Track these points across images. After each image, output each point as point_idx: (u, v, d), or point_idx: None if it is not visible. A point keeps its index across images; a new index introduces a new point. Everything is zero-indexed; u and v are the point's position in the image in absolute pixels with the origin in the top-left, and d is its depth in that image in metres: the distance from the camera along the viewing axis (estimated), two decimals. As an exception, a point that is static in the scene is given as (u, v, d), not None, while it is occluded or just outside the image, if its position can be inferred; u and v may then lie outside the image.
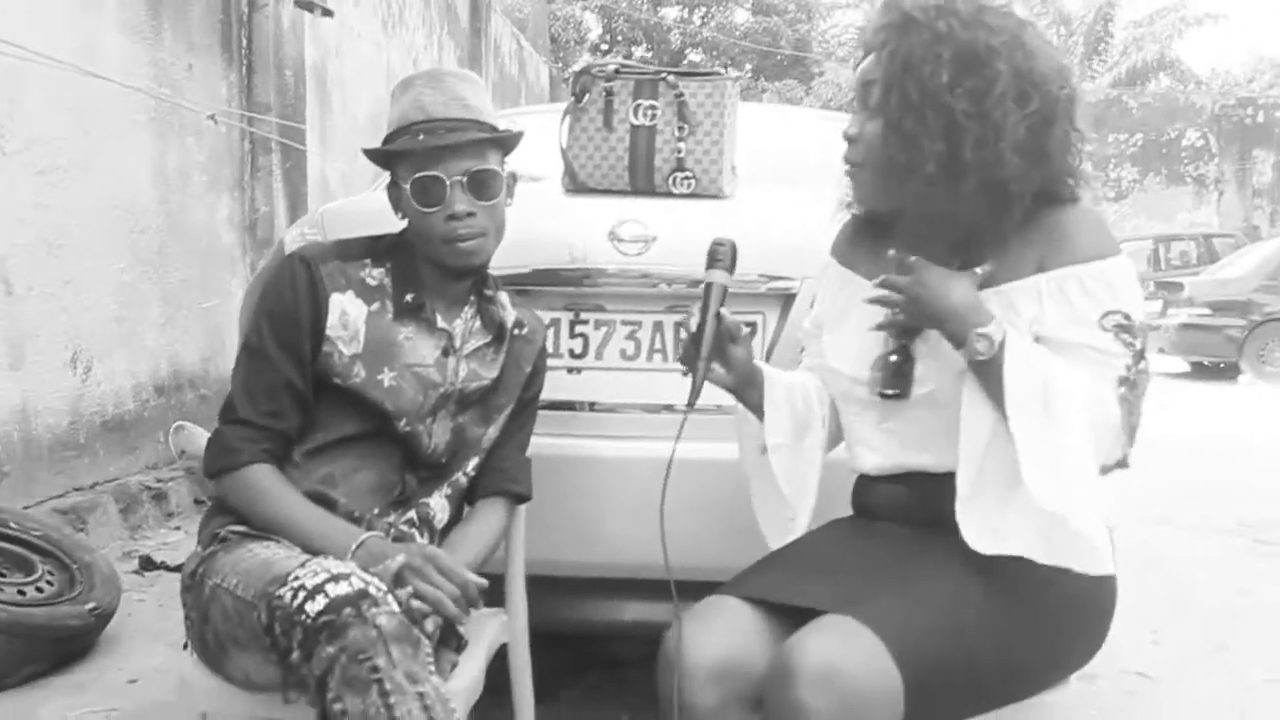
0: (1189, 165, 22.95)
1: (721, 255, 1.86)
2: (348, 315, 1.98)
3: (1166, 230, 20.60)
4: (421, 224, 1.99)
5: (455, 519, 2.13)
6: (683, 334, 1.83)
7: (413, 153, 1.98)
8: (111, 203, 5.11)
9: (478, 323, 2.10)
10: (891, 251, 1.71)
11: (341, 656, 1.57)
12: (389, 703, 1.55)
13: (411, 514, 2.04)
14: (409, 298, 2.02)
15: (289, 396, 1.96)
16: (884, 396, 1.79)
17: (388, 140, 2.03)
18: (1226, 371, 13.04)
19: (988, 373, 1.61)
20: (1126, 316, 1.66)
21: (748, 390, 1.90)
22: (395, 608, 1.64)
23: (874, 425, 1.84)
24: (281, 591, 1.63)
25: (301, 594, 1.61)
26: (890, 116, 1.70)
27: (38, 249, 4.57)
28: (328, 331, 1.97)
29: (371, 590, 1.63)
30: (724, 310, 1.83)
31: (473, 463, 2.12)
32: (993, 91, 1.65)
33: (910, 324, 1.72)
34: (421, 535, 2.03)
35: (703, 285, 1.85)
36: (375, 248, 2.07)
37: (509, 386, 2.14)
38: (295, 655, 1.60)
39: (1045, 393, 1.57)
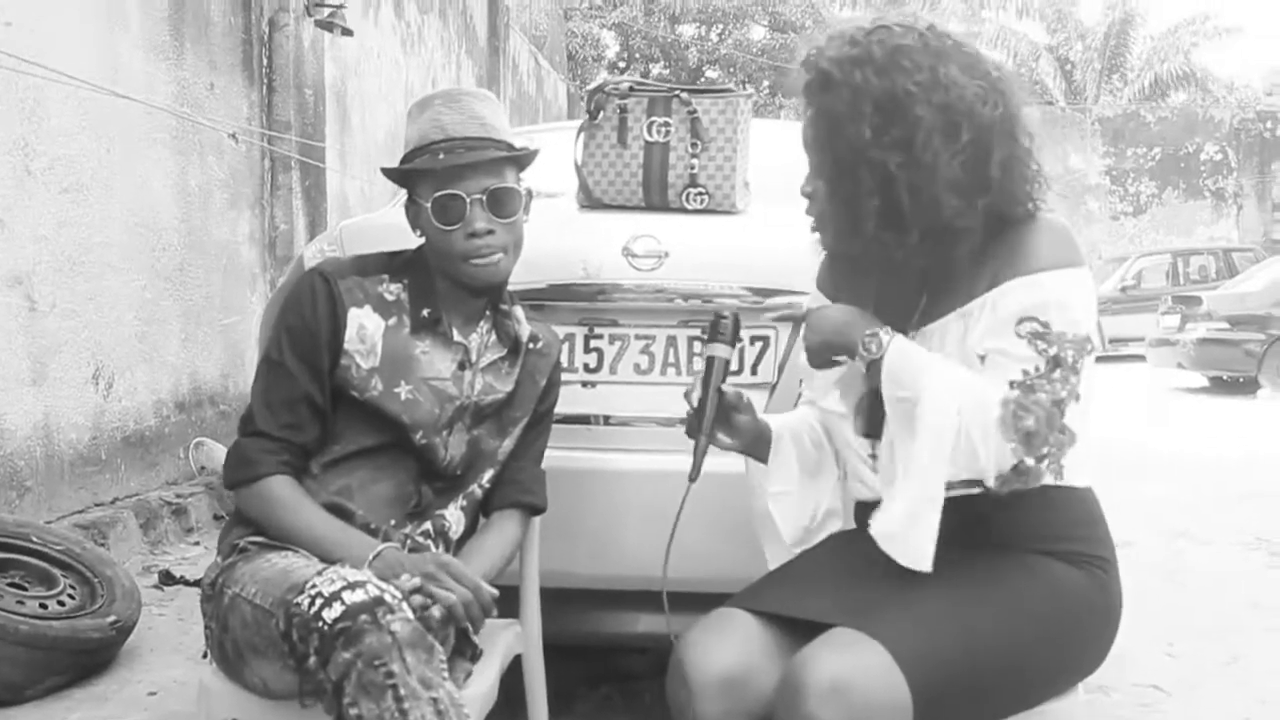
0: (1208, 179, 22.87)
1: (723, 329, 1.86)
2: (365, 329, 2.02)
3: (1185, 244, 20.55)
4: (441, 242, 2.02)
5: (470, 530, 2.15)
6: (687, 405, 1.86)
7: (433, 171, 2.01)
8: (133, 220, 5.17)
9: (493, 337, 2.13)
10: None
11: (357, 662, 1.60)
12: (403, 707, 1.58)
13: (427, 525, 2.06)
14: (425, 312, 2.06)
15: (307, 409, 1.99)
16: (866, 436, 1.82)
17: (407, 159, 2.06)
18: (1245, 386, 12.95)
19: (875, 376, 1.68)
20: (1045, 325, 1.62)
21: (757, 447, 1.92)
22: (410, 615, 1.67)
23: (861, 460, 1.86)
24: (299, 599, 1.66)
25: (319, 601, 1.64)
26: (827, 178, 1.71)
27: (61, 266, 4.63)
28: (346, 345, 2.00)
29: (387, 598, 1.66)
30: (725, 385, 1.85)
31: (488, 475, 2.15)
32: (918, 135, 1.63)
33: (817, 364, 1.80)
34: (437, 546, 2.06)
35: (704, 359, 1.86)
36: (392, 263, 2.10)
37: (524, 400, 2.17)
38: (312, 661, 1.63)
39: (915, 394, 1.61)
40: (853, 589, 1.70)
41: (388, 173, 2.11)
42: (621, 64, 30.38)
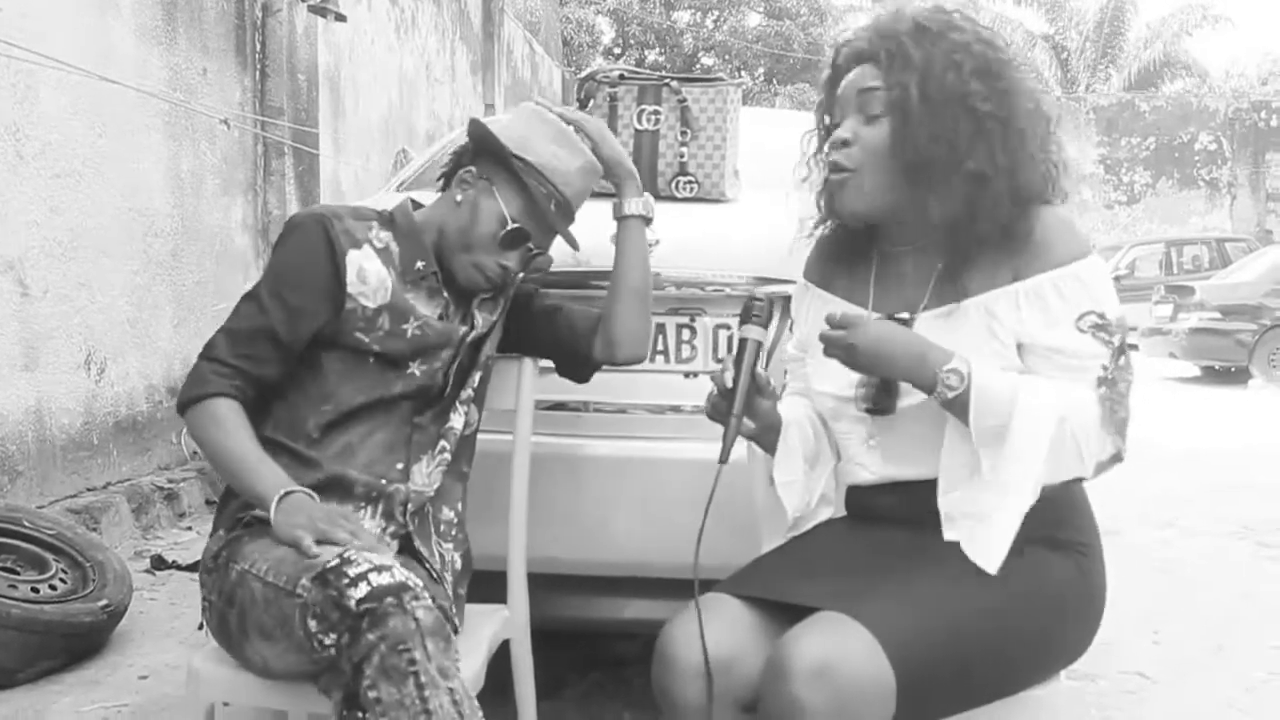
0: (1202, 169, 22.89)
1: (759, 311, 1.80)
2: (365, 270, 2.03)
3: (1179, 234, 20.54)
4: (472, 239, 2.07)
5: (475, 423, 2.20)
6: (713, 388, 1.80)
7: (532, 203, 2.08)
8: (126, 206, 5.17)
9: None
10: (831, 312, 1.72)
11: (381, 645, 1.61)
12: (424, 695, 1.60)
13: (442, 443, 2.11)
14: (420, 265, 2.09)
15: (269, 344, 1.99)
16: (870, 413, 1.81)
17: (515, 157, 2.07)
18: (1237, 376, 12.98)
19: (957, 408, 1.64)
20: (1101, 315, 1.69)
21: (767, 434, 1.89)
22: (430, 603, 1.69)
23: (861, 441, 1.85)
24: (328, 576, 1.67)
25: (344, 580, 1.66)
26: (913, 116, 1.71)
27: (53, 251, 4.63)
28: (348, 289, 2.02)
29: (410, 583, 1.68)
30: (759, 368, 1.80)
31: (478, 376, 2.18)
32: (1013, 98, 1.73)
33: (861, 372, 1.75)
34: (454, 450, 2.12)
35: (737, 341, 1.81)
36: (381, 216, 2.14)
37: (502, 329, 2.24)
38: (331, 638, 1.65)
39: (1007, 419, 1.61)
40: (839, 574, 1.71)
41: (478, 129, 2.11)
42: (617, 50, 30.33)
